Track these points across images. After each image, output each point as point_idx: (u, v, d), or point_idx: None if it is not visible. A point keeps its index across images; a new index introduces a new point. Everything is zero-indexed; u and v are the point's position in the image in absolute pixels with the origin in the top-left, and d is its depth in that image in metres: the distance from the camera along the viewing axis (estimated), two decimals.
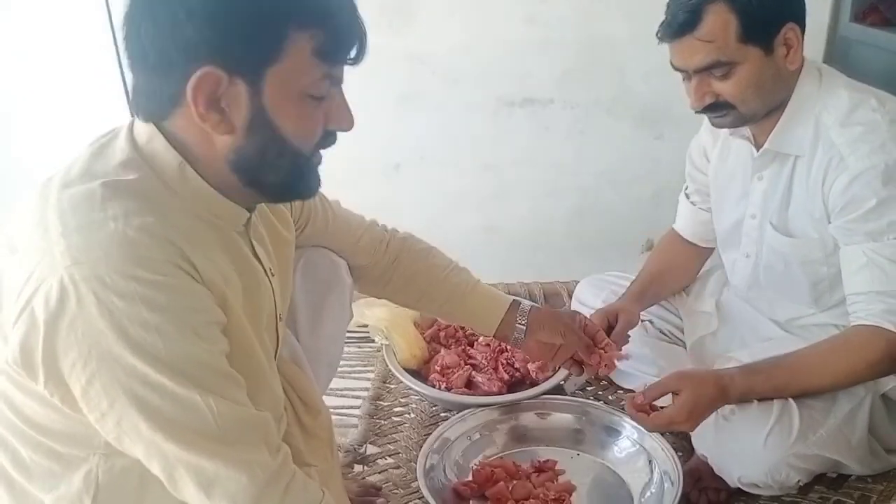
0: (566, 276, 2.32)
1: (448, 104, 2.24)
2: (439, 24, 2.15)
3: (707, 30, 1.28)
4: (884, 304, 1.26)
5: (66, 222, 0.83)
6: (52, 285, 0.79)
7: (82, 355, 0.80)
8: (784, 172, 1.41)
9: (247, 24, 0.83)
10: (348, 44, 0.90)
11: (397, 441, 1.63)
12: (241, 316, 0.93)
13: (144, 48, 0.86)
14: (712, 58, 1.30)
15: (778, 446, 1.30)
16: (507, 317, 1.41)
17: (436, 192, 2.33)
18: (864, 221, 1.28)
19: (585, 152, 2.31)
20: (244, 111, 0.87)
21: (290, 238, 1.16)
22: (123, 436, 0.83)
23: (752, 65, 1.30)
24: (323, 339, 1.34)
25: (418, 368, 1.82)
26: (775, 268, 1.50)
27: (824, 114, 1.34)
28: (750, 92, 1.33)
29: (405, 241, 1.42)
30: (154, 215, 0.85)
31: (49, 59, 2.17)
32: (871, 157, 1.27)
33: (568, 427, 1.59)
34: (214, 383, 0.85)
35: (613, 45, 2.17)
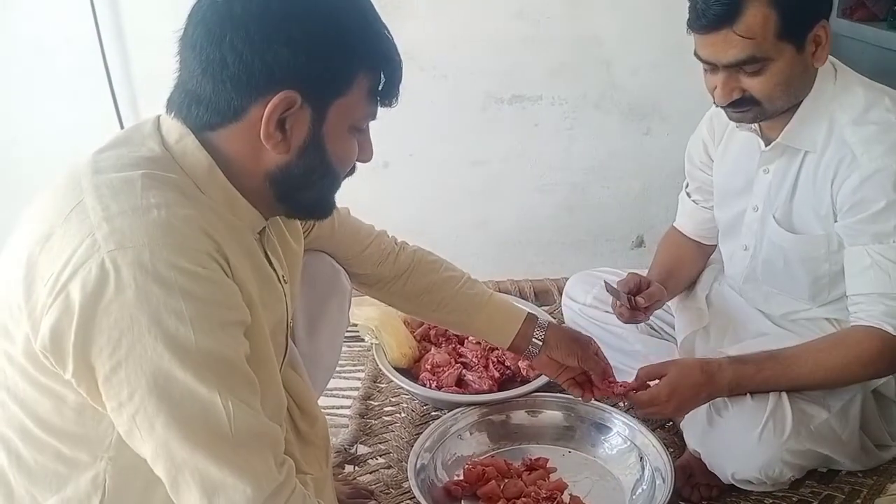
0: (556, 272, 2.32)
1: (437, 100, 2.23)
2: (428, 19, 2.14)
3: (747, 24, 1.23)
4: (885, 305, 1.27)
5: (108, 206, 0.82)
6: (92, 269, 0.79)
7: (112, 340, 0.79)
8: (792, 167, 1.40)
9: (331, 58, 0.89)
10: (397, 88, 0.98)
11: (388, 441, 1.63)
12: (261, 319, 0.93)
13: (226, 58, 0.86)
14: (748, 53, 1.25)
15: (772, 442, 1.30)
16: (522, 329, 1.41)
17: (425, 188, 2.32)
18: (872, 223, 1.27)
19: (574, 148, 2.30)
20: (304, 134, 0.91)
21: (300, 250, 1.16)
22: (135, 430, 0.83)
23: (784, 62, 1.27)
24: (320, 345, 1.34)
25: (409, 367, 1.81)
26: (774, 262, 1.49)
27: (839, 111, 1.32)
28: (779, 89, 1.30)
29: (416, 254, 1.42)
30: (193, 208, 0.86)
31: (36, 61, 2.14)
32: (884, 159, 1.25)
33: (559, 424, 1.59)
34: (235, 385, 0.85)
35: (601, 41, 2.16)
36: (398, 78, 0.97)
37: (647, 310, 1.55)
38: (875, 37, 2.63)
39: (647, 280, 1.60)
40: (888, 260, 1.26)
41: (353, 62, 0.91)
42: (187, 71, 0.90)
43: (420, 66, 2.17)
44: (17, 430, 0.91)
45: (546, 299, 2.18)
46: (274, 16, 0.86)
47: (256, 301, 0.92)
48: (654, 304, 1.57)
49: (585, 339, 1.47)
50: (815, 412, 1.33)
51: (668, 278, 1.66)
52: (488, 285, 2.14)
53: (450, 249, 2.30)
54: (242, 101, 0.88)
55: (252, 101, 0.88)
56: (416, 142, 2.27)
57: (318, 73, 0.88)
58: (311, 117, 0.90)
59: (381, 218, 1.47)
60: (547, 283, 2.24)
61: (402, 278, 1.38)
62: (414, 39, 2.13)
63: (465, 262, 2.26)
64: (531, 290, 2.19)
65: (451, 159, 2.30)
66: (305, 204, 1.00)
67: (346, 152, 0.96)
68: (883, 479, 1.46)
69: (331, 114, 0.91)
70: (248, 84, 0.87)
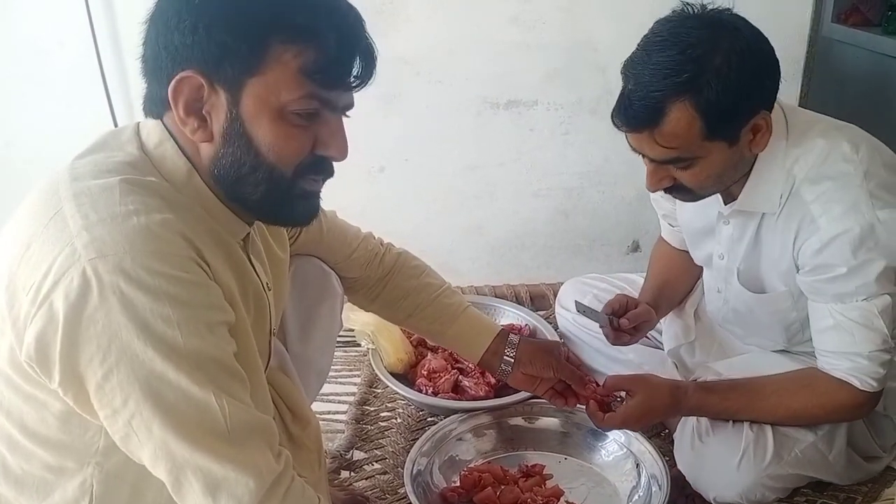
0: (552, 277, 2.32)
1: (432, 105, 2.23)
2: (423, 24, 2.14)
3: (671, 129, 1.17)
4: (851, 362, 1.26)
5: (87, 215, 0.82)
6: (74, 278, 0.78)
7: (101, 348, 0.79)
8: (751, 225, 1.36)
9: (229, 33, 0.84)
10: (340, 67, 0.88)
11: (384, 446, 1.63)
12: (244, 320, 0.93)
13: (144, 50, 0.89)
14: (673, 155, 1.21)
15: (751, 470, 1.31)
16: (493, 345, 1.39)
17: (420, 193, 2.32)
18: (832, 284, 1.24)
19: (570, 153, 2.30)
20: (222, 120, 0.88)
21: (285, 258, 1.16)
22: (132, 435, 0.82)
23: (714, 157, 1.22)
24: (313, 348, 1.34)
25: (405, 373, 1.81)
26: (742, 312, 1.49)
27: (795, 167, 1.27)
28: (710, 180, 1.26)
29: (400, 257, 1.41)
30: (172, 212, 0.86)
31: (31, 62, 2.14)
32: (844, 221, 1.21)
33: (555, 431, 1.59)
34: (227, 383, 0.85)
35: (597, 47, 2.16)
36: (336, 53, 0.87)
37: (635, 330, 1.54)
38: (869, 41, 2.65)
39: (634, 301, 1.58)
40: (850, 320, 1.24)
41: (255, 36, 0.84)
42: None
43: (416, 71, 2.17)
44: (2, 440, 0.91)
45: (542, 304, 2.18)
46: (174, 2, 0.86)
47: (239, 303, 0.92)
48: (641, 325, 1.55)
49: (555, 346, 1.46)
50: (800, 436, 1.34)
51: (661, 293, 1.65)
52: (484, 290, 2.17)
53: (445, 254, 2.33)
54: (160, 90, 0.88)
55: (164, 90, 0.87)
56: (412, 146, 2.27)
57: (214, 51, 0.84)
58: (226, 101, 0.87)
59: (376, 222, 1.47)
60: (542, 287, 2.24)
61: (385, 280, 1.38)
62: (409, 44, 2.14)
63: (461, 267, 2.27)
64: (527, 295, 2.19)
65: (446, 164, 2.30)
66: (255, 205, 0.93)
67: (275, 140, 0.88)
68: (878, 486, 1.46)
69: (245, 95, 0.86)
70: (159, 72, 0.88)
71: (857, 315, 1.23)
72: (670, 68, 1.15)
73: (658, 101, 1.16)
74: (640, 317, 1.55)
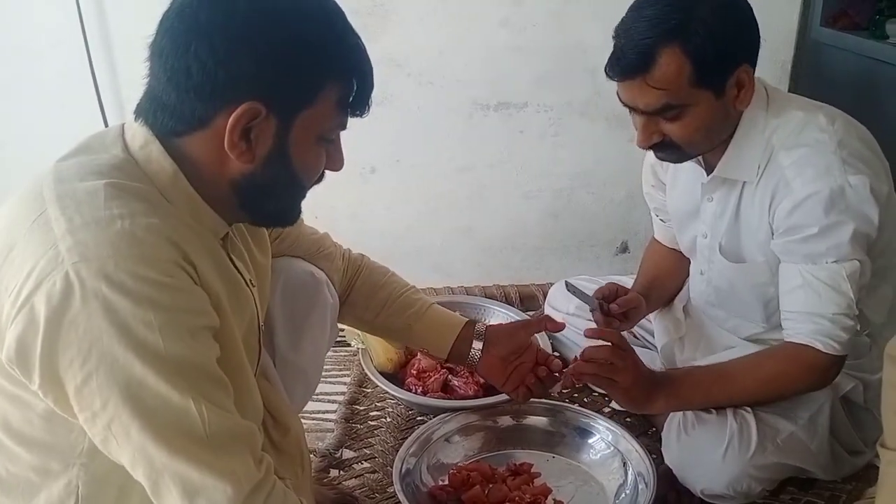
0: (542, 278, 2.34)
1: (423, 107, 2.24)
2: (414, 27, 2.15)
3: (661, 73, 1.23)
4: (815, 324, 1.28)
5: (72, 218, 0.82)
6: (56, 281, 0.78)
7: (81, 352, 0.79)
8: (732, 197, 1.41)
9: (297, 69, 0.88)
10: (368, 99, 0.97)
11: (373, 445, 1.63)
12: (230, 322, 0.94)
13: (190, 67, 0.85)
14: (663, 101, 1.26)
15: (736, 460, 1.32)
16: (461, 335, 1.42)
17: (411, 194, 2.32)
18: (804, 243, 1.28)
19: (560, 155, 2.32)
20: (269, 145, 0.91)
21: (266, 262, 1.16)
22: (111, 439, 0.83)
23: (702, 107, 1.27)
24: (303, 357, 1.33)
25: (395, 372, 1.82)
26: (725, 289, 1.51)
27: (774, 136, 1.33)
28: (699, 134, 1.31)
29: (364, 258, 1.44)
30: (157, 216, 0.86)
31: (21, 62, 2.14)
32: (816, 183, 1.25)
33: (543, 429, 1.60)
34: (208, 389, 0.85)
35: (586, 49, 2.18)
36: (369, 88, 0.96)
37: (624, 317, 1.56)
38: (857, 45, 2.67)
39: (624, 289, 1.62)
40: (819, 280, 1.27)
41: (319, 74, 0.90)
42: (154, 78, 0.90)
43: (407, 73, 2.18)
44: None
45: (531, 304, 2.19)
46: (239, 27, 0.85)
47: (226, 306, 0.93)
48: (631, 313, 1.58)
49: (522, 322, 1.50)
50: (781, 426, 1.35)
51: (651, 287, 1.69)
52: (475, 291, 2.18)
53: (436, 255, 2.34)
54: (206, 111, 0.87)
55: (216, 111, 0.87)
56: (403, 148, 2.28)
57: (284, 85, 0.88)
58: (276, 127, 0.90)
59: (367, 223, 1.49)
60: (532, 288, 2.25)
61: (354, 279, 1.41)
62: (401, 46, 2.15)
63: (451, 268, 2.27)
64: (517, 296, 2.20)
65: (437, 165, 2.31)
66: (269, 212, 1.00)
67: (311, 163, 0.96)
68: (861, 484, 1.48)
69: (297, 125, 0.91)
70: (211, 94, 0.86)
71: (826, 276, 1.26)
72: (659, 17, 1.23)
73: (649, 48, 1.23)
74: (631, 303, 1.57)
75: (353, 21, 0.95)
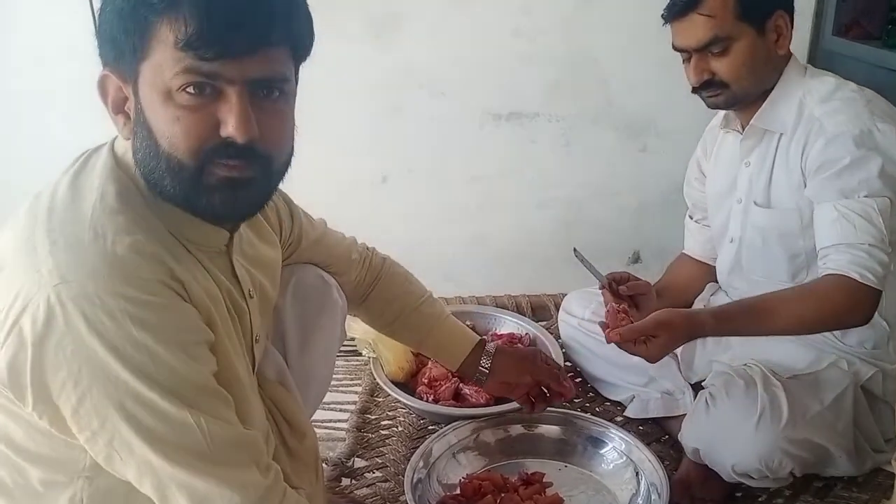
0: (553, 288, 2.32)
1: (435, 117, 2.25)
2: (426, 37, 2.16)
3: (709, 6, 1.38)
4: (850, 255, 1.30)
5: (55, 240, 0.82)
6: (40, 304, 0.78)
7: (73, 374, 0.79)
8: (769, 153, 1.48)
9: (116, 26, 0.83)
10: (211, 32, 0.79)
11: (385, 454, 1.63)
12: (223, 337, 0.93)
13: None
14: (712, 33, 1.39)
15: (770, 430, 1.32)
16: (471, 356, 1.44)
17: (423, 204, 2.33)
18: (837, 178, 1.33)
19: (571, 164, 2.32)
20: (133, 113, 0.86)
21: (275, 256, 1.15)
22: (114, 455, 0.83)
23: (745, 43, 1.40)
24: (313, 360, 1.32)
25: (406, 381, 1.81)
26: (755, 245, 1.55)
27: (808, 97, 1.42)
28: (744, 70, 1.41)
29: (385, 262, 1.43)
30: (142, 232, 0.85)
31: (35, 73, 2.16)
32: (847, 124, 1.34)
33: (555, 439, 1.59)
34: (205, 402, 0.85)
35: (598, 59, 2.18)
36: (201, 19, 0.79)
37: (632, 301, 1.58)
38: (870, 55, 2.66)
39: (635, 277, 1.64)
40: (853, 213, 1.30)
41: (140, 16, 0.81)
42: None
43: (419, 84, 2.19)
44: None
45: (543, 314, 2.18)
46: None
47: (217, 321, 0.92)
48: (641, 300, 1.59)
49: (531, 352, 1.52)
50: (809, 403, 1.36)
51: (667, 287, 1.73)
52: (486, 300, 2.17)
53: (447, 264, 2.34)
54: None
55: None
56: (415, 157, 2.28)
57: (113, 46, 0.84)
58: (133, 93, 0.85)
59: (379, 232, 1.48)
60: (544, 298, 2.24)
61: (373, 284, 1.41)
62: (413, 57, 2.16)
63: (463, 277, 2.27)
64: (528, 306, 2.19)
65: (449, 175, 2.31)
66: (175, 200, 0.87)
67: (167, 123, 0.82)
68: (878, 495, 1.46)
69: (141, 83, 0.83)
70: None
71: (859, 208, 1.30)
72: None
73: None
74: (640, 288, 1.59)
75: (365, 31, 0.96)
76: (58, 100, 2.16)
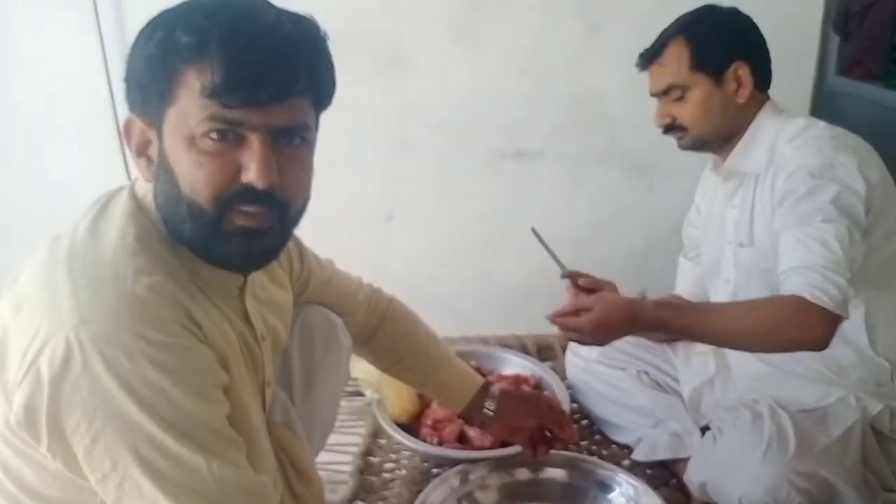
0: None
1: (441, 155, 2.25)
2: (432, 75, 2.17)
3: (667, 57, 1.51)
4: (805, 276, 1.31)
5: (76, 280, 0.82)
6: (58, 344, 0.78)
7: (87, 414, 0.78)
8: (749, 194, 1.53)
9: (143, 71, 0.85)
10: (235, 82, 0.81)
11: (388, 498, 1.60)
12: (237, 377, 0.93)
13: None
14: (668, 81, 1.51)
15: (777, 461, 1.31)
16: (475, 399, 1.43)
17: (428, 242, 2.32)
18: (796, 206, 1.37)
19: (577, 203, 2.31)
20: (156, 157, 0.88)
21: (287, 298, 1.15)
22: (124, 497, 0.82)
23: (701, 91, 1.49)
24: (318, 401, 1.31)
25: (409, 422, 1.79)
26: (745, 286, 1.58)
27: (779, 137, 1.48)
28: (699, 116, 1.50)
29: (392, 303, 1.42)
30: (161, 274, 0.85)
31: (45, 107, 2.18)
32: (809, 157, 1.40)
33: (562, 483, 1.56)
34: (218, 446, 0.84)
35: (604, 98, 2.19)
36: (234, 65, 0.80)
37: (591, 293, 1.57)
38: (872, 94, 2.67)
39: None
40: (810, 238, 1.33)
41: (168, 62, 0.82)
42: None
43: (425, 122, 2.19)
44: (5, 496, 0.90)
45: (549, 354, 2.16)
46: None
47: (231, 363, 0.92)
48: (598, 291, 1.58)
49: (535, 395, 1.54)
50: (816, 437, 1.35)
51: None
52: (491, 340, 2.15)
53: (452, 303, 2.32)
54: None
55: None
56: (420, 195, 2.28)
57: (139, 91, 0.86)
58: (156, 138, 0.87)
59: (384, 270, 1.48)
60: (550, 338, 2.22)
61: (379, 325, 1.39)
62: (419, 95, 2.17)
63: (468, 317, 2.26)
64: (534, 346, 2.17)
65: (454, 213, 2.31)
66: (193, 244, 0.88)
67: (188, 169, 0.84)
68: None
69: (166, 128, 0.85)
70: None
71: (815, 233, 1.33)
72: (679, 19, 1.53)
73: (663, 40, 1.52)
74: (600, 284, 1.61)
75: (370, 69, 0.95)
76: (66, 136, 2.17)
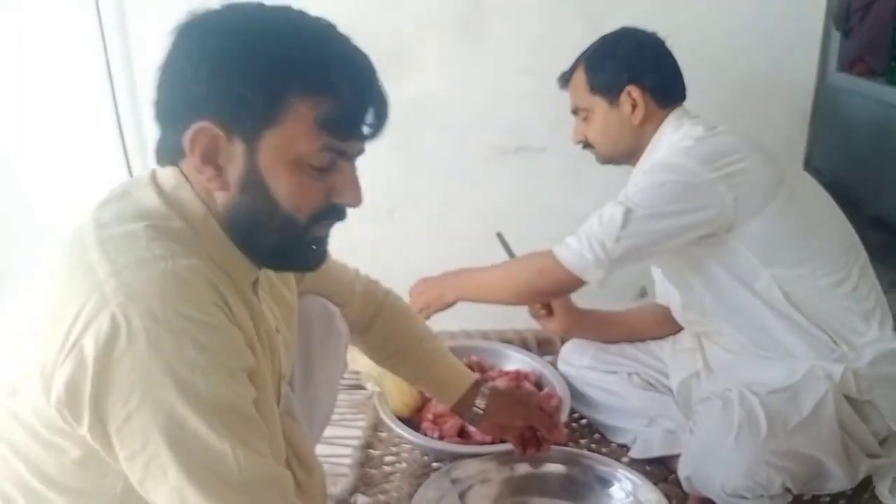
0: None
1: (442, 150, 2.26)
2: (434, 72, 2.18)
3: (573, 83, 1.67)
4: (572, 237, 1.49)
5: (115, 261, 0.83)
6: (103, 322, 0.78)
7: (124, 392, 0.79)
8: None
9: (246, 85, 0.85)
10: (354, 118, 0.89)
11: (388, 491, 1.61)
12: (262, 364, 0.94)
13: (159, 98, 0.90)
14: (575, 103, 1.68)
15: (750, 444, 1.33)
16: (467, 395, 1.44)
17: (429, 237, 2.33)
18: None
19: (577, 199, 2.31)
20: (240, 170, 0.89)
21: (293, 299, 1.17)
22: (149, 478, 0.83)
23: (598, 112, 1.63)
24: (316, 390, 1.33)
25: (410, 416, 1.80)
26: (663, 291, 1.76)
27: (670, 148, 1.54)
28: (600, 135, 1.65)
29: (388, 295, 1.43)
30: (195, 257, 0.86)
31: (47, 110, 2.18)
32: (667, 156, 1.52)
33: (562, 478, 1.57)
34: (245, 432, 0.85)
35: None
36: (354, 107, 0.88)
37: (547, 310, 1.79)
38: (874, 91, 2.68)
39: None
40: (601, 211, 1.48)
41: (273, 90, 0.85)
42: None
43: (426, 118, 2.20)
44: (18, 487, 0.91)
45: (548, 350, 2.17)
46: (190, 53, 0.87)
47: (257, 348, 0.93)
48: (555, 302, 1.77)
49: (526, 395, 1.55)
50: (788, 414, 1.37)
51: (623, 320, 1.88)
52: (490, 335, 2.16)
53: None
54: (175, 138, 0.88)
55: (178, 136, 0.88)
56: (422, 191, 2.29)
57: (235, 103, 0.85)
58: (244, 151, 0.88)
59: (385, 265, 1.49)
60: None
61: (376, 316, 1.40)
62: (420, 91, 2.17)
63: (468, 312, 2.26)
64: (533, 340, 2.18)
65: (455, 208, 2.32)
66: (265, 251, 0.94)
67: (292, 190, 0.89)
68: (859, 490, 1.47)
69: (263, 147, 0.87)
70: (176, 121, 0.88)
71: (608, 209, 1.48)
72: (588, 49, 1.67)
73: (574, 65, 1.68)
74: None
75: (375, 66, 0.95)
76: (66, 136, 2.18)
